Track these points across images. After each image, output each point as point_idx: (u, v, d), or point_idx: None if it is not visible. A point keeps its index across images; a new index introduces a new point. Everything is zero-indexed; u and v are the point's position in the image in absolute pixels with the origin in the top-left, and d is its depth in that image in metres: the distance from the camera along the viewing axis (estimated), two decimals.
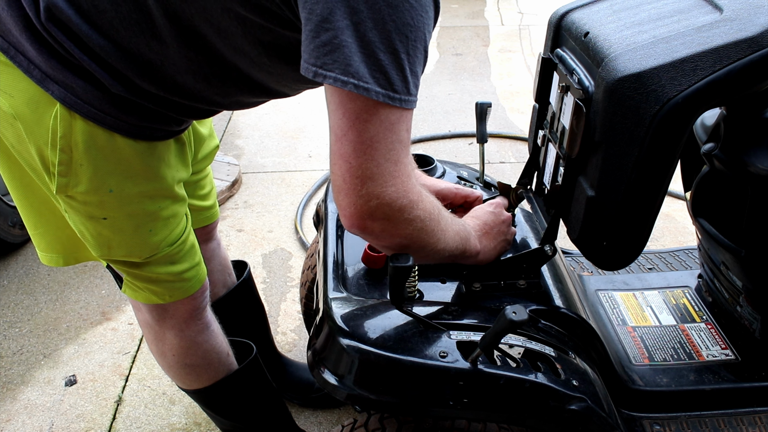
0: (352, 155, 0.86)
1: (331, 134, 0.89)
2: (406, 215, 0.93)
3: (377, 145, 0.86)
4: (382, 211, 0.90)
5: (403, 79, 0.86)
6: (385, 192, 0.89)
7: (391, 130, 0.87)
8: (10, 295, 2.43)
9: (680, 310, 1.59)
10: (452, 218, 1.08)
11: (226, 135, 3.68)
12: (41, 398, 2.00)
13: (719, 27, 1.03)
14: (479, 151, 1.54)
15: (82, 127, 1.03)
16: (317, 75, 0.85)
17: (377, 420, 1.17)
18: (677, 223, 2.80)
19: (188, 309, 1.35)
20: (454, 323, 1.13)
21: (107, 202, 1.11)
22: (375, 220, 0.91)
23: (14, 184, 1.21)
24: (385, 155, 0.87)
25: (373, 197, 0.88)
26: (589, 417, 1.07)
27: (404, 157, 0.90)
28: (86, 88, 1.01)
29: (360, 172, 0.87)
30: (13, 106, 1.01)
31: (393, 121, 0.87)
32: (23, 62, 0.99)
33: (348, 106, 0.85)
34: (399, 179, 0.89)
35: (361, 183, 0.88)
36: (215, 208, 1.61)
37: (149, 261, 1.22)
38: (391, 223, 0.92)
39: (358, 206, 0.89)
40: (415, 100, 0.90)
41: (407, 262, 1.00)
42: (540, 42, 4.94)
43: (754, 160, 1.22)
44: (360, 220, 0.91)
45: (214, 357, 1.45)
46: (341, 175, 0.88)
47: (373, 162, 0.87)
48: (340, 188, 0.90)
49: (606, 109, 1.05)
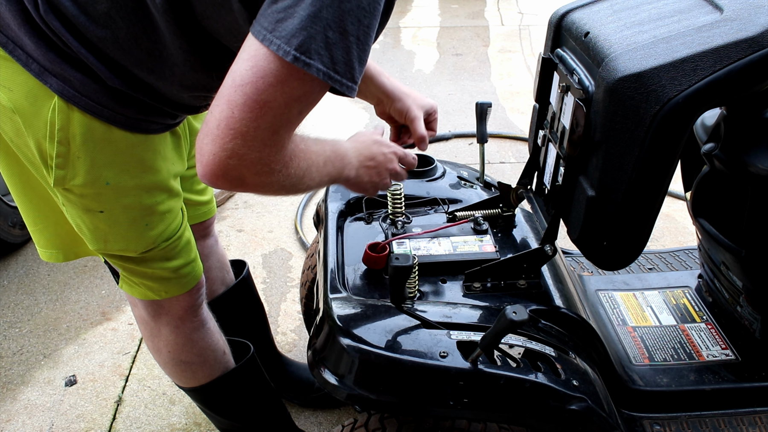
0: (239, 107, 0.84)
1: (229, 77, 0.86)
2: (263, 178, 0.91)
3: (267, 111, 0.85)
4: (237, 172, 0.88)
5: (346, 63, 0.85)
6: (248, 155, 0.87)
7: (289, 106, 0.86)
8: (10, 295, 2.43)
9: (680, 310, 1.59)
10: (330, 158, 1.07)
11: None
12: (41, 398, 2.00)
13: (719, 27, 1.03)
14: (479, 151, 1.54)
15: (80, 120, 1.03)
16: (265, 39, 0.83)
17: (377, 420, 1.17)
18: (677, 223, 2.80)
19: (184, 305, 1.35)
20: (454, 323, 1.13)
21: (104, 194, 1.11)
22: (228, 179, 0.89)
23: (13, 180, 1.21)
24: (268, 122, 0.86)
25: (235, 155, 0.86)
26: (590, 417, 1.07)
27: (284, 132, 0.89)
28: (84, 81, 1.01)
29: (237, 126, 0.85)
30: (12, 99, 1.02)
31: (297, 96, 0.86)
32: (21, 56, 1.00)
33: (262, 63, 0.83)
34: (268, 149, 0.88)
35: (232, 137, 0.85)
36: (212, 203, 1.61)
37: (145, 256, 1.23)
38: (244, 182, 0.90)
39: (218, 158, 0.86)
40: (355, 89, 0.88)
41: (407, 262, 1.00)
42: (540, 42, 4.94)
43: (755, 160, 1.22)
44: (214, 174, 0.88)
45: (209, 355, 1.45)
46: (218, 119, 0.85)
47: (254, 123, 0.85)
48: (210, 132, 0.87)
49: (606, 109, 1.05)
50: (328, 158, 1.08)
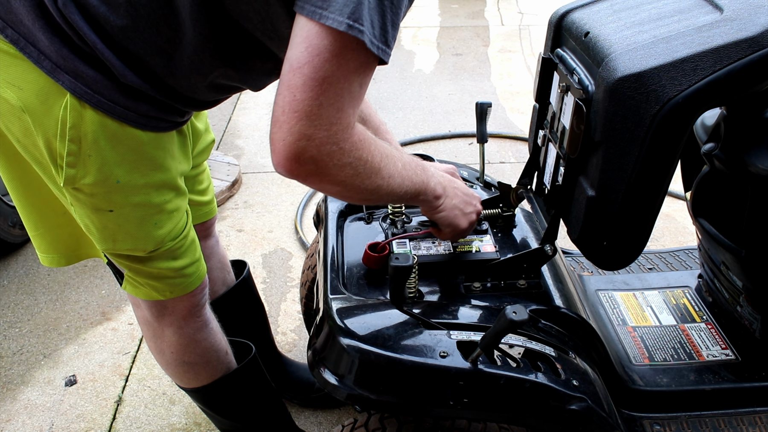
0: (300, 89, 0.86)
1: (286, 64, 0.88)
2: (336, 161, 0.92)
3: (328, 87, 0.86)
4: (309, 154, 0.89)
5: (382, 27, 0.86)
6: (317, 134, 0.88)
7: (348, 78, 0.87)
8: (10, 295, 2.43)
9: (680, 310, 1.59)
10: (409, 164, 1.08)
11: (226, 135, 3.67)
12: (41, 398, 2.00)
13: (719, 27, 1.03)
14: (479, 151, 1.54)
15: (92, 117, 1.03)
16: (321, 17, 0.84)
17: (377, 420, 1.18)
18: (677, 223, 2.80)
19: (187, 306, 1.36)
20: (454, 323, 1.13)
21: (114, 193, 1.11)
22: (302, 164, 0.90)
23: (14, 184, 1.21)
24: (331, 99, 0.87)
25: (303, 137, 0.87)
26: (590, 417, 1.07)
27: (349, 108, 0.90)
28: (97, 78, 1.01)
29: (301, 107, 0.86)
30: (22, 98, 1.02)
31: (353, 69, 0.87)
32: (33, 53, 0.99)
33: (315, 41, 0.85)
34: (335, 127, 0.89)
35: (298, 119, 0.87)
36: (213, 203, 1.62)
37: (152, 256, 1.23)
38: (319, 168, 0.91)
39: (287, 143, 0.88)
40: (389, 54, 0.90)
41: (407, 262, 1.00)
42: (540, 42, 4.94)
43: (754, 160, 1.22)
44: (287, 160, 0.90)
45: (212, 355, 1.45)
46: (282, 106, 0.87)
47: (317, 102, 0.86)
48: (277, 120, 0.88)
49: (606, 109, 1.05)
50: (407, 162, 1.08)
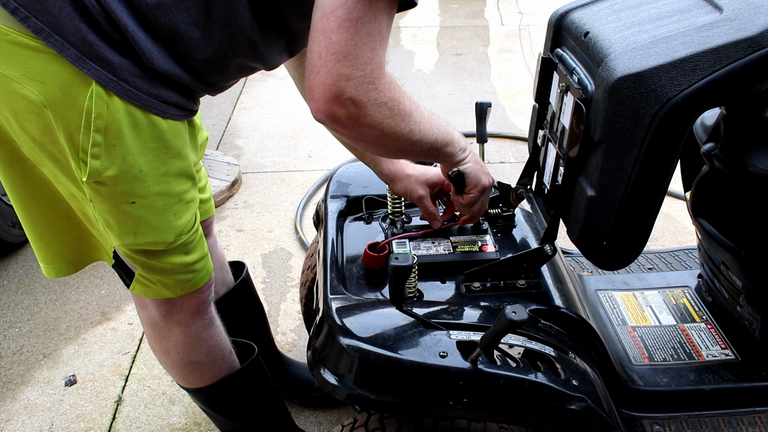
0: (335, 31, 0.89)
1: (317, 11, 0.91)
2: (374, 100, 0.95)
3: (361, 27, 0.90)
4: (348, 94, 0.92)
5: None
6: (355, 74, 0.91)
7: (378, 18, 0.91)
8: (10, 295, 2.43)
9: (680, 310, 1.59)
10: (434, 115, 1.11)
11: (226, 135, 3.68)
12: (41, 398, 2.00)
13: (719, 27, 1.03)
14: (479, 151, 1.54)
15: (118, 105, 1.04)
16: None
17: (377, 420, 1.18)
18: (677, 223, 2.80)
19: (195, 303, 1.36)
20: (454, 323, 1.13)
21: (137, 183, 1.12)
22: (342, 105, 0.93)
23: (18, 193, 1.20)
24: (364, 39, 0.90)
25: (342, 77, 0.91)
26: (589, 417, 1.07)
27: (380, 48, 0.93)
28: (122, 64, 1.02)
29: (337, 49, 0.90)
30: (44, 92, 1.01)
31: (382, 8, 0.91)
32: (57, 42, 0.98)
33: None
34: (370, 66, 0.92)
35: (335, 60, 0.90)
36: (211, 202, 1.62)
37: (167, 250, 1.23)
38: (358, 108, 0.94)
39: (327, 86, 0.91)
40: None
41: (407, 262, 1.00)
42: (540, 42, 4.94)
43: (754, 160, 1.22)
44: (327, 103, 0.93)
45: (217, 354, 1.45)
46: (318, 52, 0.91)
47: (352, 42, 0.90)
48: (314, 66, 0.91)
49: (606, 109, 1.05)
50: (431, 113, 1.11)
